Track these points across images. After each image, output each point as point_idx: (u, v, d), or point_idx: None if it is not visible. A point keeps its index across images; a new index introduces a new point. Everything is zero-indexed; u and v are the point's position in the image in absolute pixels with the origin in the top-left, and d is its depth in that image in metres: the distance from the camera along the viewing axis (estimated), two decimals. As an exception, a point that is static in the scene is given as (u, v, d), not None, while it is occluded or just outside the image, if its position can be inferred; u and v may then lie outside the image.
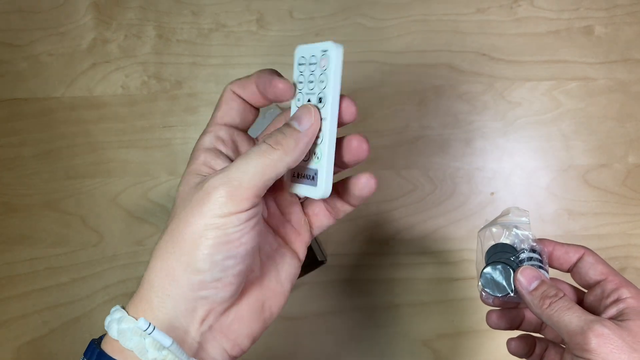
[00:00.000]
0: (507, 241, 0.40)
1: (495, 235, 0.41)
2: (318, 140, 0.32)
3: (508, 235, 0.41)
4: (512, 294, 0.39)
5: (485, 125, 0.62)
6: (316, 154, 0.32)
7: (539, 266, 0.39)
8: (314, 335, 0.61)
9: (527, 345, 0.42)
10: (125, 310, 0.30)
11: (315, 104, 0.32)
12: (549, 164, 0.62)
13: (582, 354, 0.32)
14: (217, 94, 0.35)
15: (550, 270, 0.40)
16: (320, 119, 0.31)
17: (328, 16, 0.63)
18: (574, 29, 0.62)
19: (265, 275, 0.34)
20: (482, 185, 0.62)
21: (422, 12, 0.63)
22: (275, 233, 0.36)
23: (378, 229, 0.62)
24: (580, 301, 0.40)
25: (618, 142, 0.61)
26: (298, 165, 0.32)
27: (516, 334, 0.43)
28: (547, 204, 0.61)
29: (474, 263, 0.42)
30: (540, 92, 0.62)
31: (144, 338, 0.29)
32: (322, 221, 0.37)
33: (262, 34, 0.64)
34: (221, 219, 0.29)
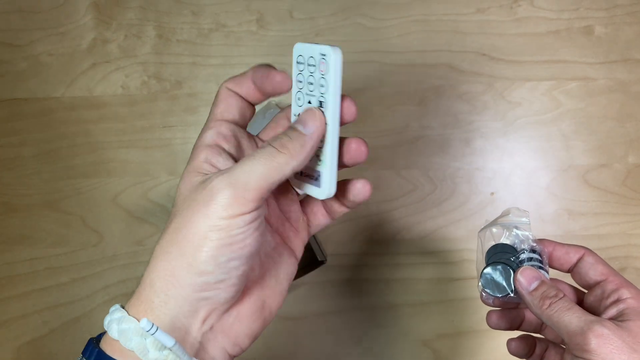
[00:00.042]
0: (507, 241, 0.40)
1: (495, 236, 0.41)
2: (321, 143, 0.32)
3: (508, 236, 0.41)
4: (512, 295, 0.39)
5: (485, 125, 0.62)
6: (320, 156, 0.32)
7: (539, 266, 0.39)
8: (314, 335, 0.61)
9: (527, 346, 0.42)
10: (125, 309, 0.30)
11: (317, 107, 0.32)
12: (549, 164, 0.62)
13: (582, 354, 0.33)
14: (217, 94, 0.35)
15: (551, 270, 0.40)
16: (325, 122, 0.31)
17: (328, 16, 0.63)
18: (574, 29, 0.62)
19: (265, 274, 0.34)
20: (482, 185, 0.62)
21: (422, 12, 0.63)
22: (274, 231, 0.35)
23: (378, 229, 0.62)
24: (581, 302, 0.40)
25: (618, 142, 0.61)
26: None
27: (516, 334, 0.43)
28: (547, 204, 0.61)
29: (474, 263, 0.42)
30: (540, 92, 0.62)
31: (145, 338, 0.29)
32: (320, 220, 0.37)
33: (262, 34, 0.64)
34: (225, 221, 0.28)
